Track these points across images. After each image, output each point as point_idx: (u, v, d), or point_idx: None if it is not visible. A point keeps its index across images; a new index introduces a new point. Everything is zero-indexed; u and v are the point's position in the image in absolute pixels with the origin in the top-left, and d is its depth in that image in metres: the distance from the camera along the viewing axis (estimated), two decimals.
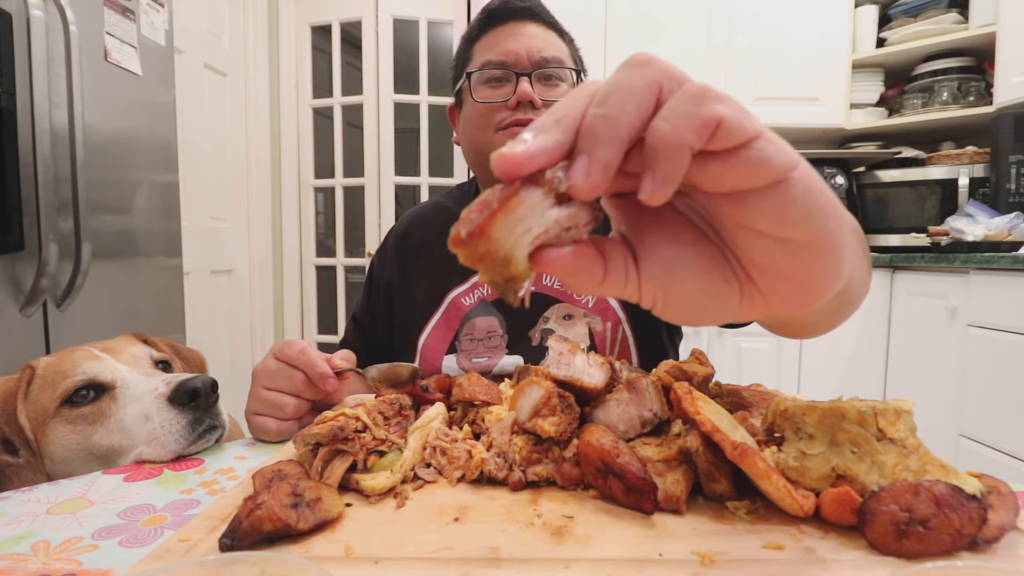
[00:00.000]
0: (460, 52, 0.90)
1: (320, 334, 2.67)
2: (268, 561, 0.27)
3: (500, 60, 0.81)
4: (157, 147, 1.56)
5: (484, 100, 0.82)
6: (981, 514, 0.32)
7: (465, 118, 0.87)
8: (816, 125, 2.37)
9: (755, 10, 2.30)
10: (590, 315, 0.83)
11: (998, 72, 2.00)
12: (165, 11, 1.56)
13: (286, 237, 2.61)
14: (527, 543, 0.35)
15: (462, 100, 0.89)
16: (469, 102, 0.85)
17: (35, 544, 0.37)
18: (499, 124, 0.80)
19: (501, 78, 0.82)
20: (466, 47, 0.88)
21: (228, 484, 0.47)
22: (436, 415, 0.48)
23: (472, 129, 0.84)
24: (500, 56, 0.81)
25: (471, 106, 0.84)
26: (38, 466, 0.54)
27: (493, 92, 0.82)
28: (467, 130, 0.86)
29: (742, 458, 0.37)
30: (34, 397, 0.56)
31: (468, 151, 0.89)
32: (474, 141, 0.84)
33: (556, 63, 0.82)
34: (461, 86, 0.87)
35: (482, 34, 0.85)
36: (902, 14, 2.26)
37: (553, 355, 0.47)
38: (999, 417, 1.61)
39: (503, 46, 0.82)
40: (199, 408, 0.55)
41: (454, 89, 0.92)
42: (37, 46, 1.13)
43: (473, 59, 0.86)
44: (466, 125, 0.86)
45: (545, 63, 0.81)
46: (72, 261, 1.22)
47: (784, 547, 0.34)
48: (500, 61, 0.81)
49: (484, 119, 0.82)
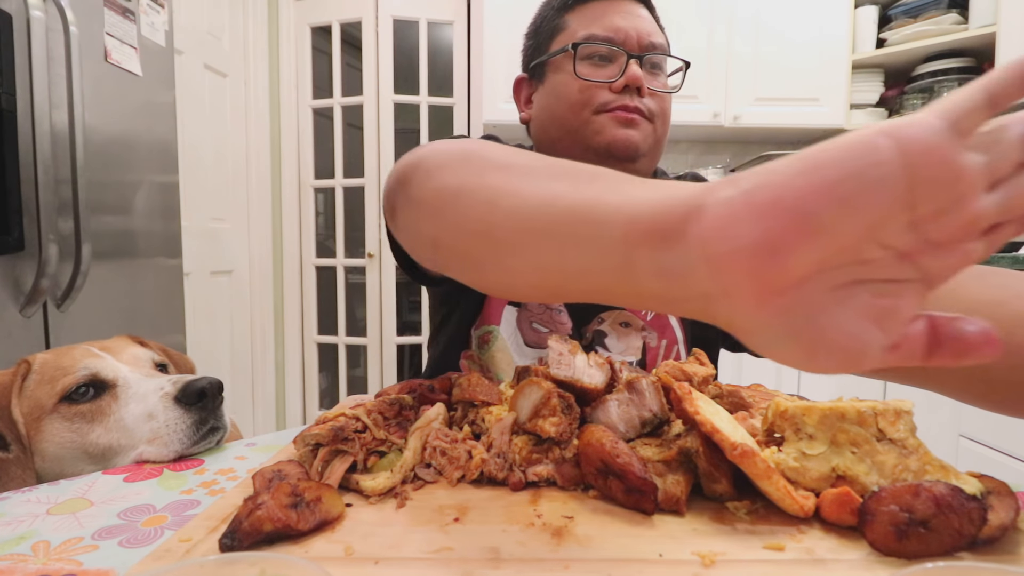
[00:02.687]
0: (546, 19, 0.80)
1: (320, 335, 2.67)
2: (268, 561, 0.27)
3: (608, 36, 0.73)
4: (157, 148, 1.56)
5: (587, 77, 0.72)
6: (981, 514, 0.32)
7: (553, 93, 0.77)
8: (816, 126, 2.37)
9: (755, 11, 2.30)
10: (648, 329, 0.78)
11: None
12: (165, 12, 1.56)
13: (286, 237, 2.61)
14: (527, 543, 0.35)
15: (543, 73, 0.79)
16: (560, 77, 0.76)
17: (35, 544, 0.37)
18: (602, 107, 0.72)
19: (606, 56, 0.74)
20: (556, 15, 0.79)
21: (228, 484, 0.47)
22: (436, 415, 0.48)
23: (562, 106, 0.75)
24: (608, 32, 0.73)
25: (565, 82, 0.75)
26: (28, 463, 0.54)
27: (596, 70, 0.73)
28: (553, 106, 0.77)
29: (742, 458, 0.37)
30: (30, 392, 0.56)
31: (551, 129, 0.78)
32: (564, 120, 0.75)
33: (662, 51, 0.76)
34: (548, 57, 0.78)
35: (580, 3, 0.77)
36: (902, 15, 2.26)
37: (553, 355, 0.47)
38: (999, 417, 1.61)
39: (610, 21, 0.73)
40: (204, 409, 0.55)
41: (530, 62, 0.82)
42: (37, 47, 1.13)
43: (568, 29, 0.76)
44: (552, 101, 0.77)
45: (653, 48, 0.74)
46: (72, 261, 1.22)
47: (784, 547, 0.34)
48: (608, 37, 0.73)
49: (583, 96, 0.73)
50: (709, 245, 0.24)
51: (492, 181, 0.36)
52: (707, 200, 0.25)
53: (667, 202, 0.27)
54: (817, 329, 0.23)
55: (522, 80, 0.85)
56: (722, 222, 0.23)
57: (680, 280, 0.26)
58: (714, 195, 0.24)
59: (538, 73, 0.80)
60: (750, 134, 2.50)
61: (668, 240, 0.26)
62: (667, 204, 0.26)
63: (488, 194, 0.36)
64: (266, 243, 2.56)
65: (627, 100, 0.72)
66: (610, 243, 0.28)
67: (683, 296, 0.26)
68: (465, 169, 0.39)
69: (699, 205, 0.25)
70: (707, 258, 0.24)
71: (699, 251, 0.24)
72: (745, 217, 0.23)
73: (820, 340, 0.23)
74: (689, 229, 0.25)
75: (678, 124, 2.34)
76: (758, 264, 0.22)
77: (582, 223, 0.30)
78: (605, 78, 0.72)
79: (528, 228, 0.33)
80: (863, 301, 0.23)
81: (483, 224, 0.36)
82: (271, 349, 2.61)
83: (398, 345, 2.60)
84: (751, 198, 0.23)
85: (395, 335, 2.58)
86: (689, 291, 0.26)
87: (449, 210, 0.38)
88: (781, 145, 2.60)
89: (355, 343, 2.64)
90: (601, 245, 0.29)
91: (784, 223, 0.22)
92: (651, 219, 0.27)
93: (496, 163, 0.38)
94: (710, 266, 0.24)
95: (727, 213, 0.23)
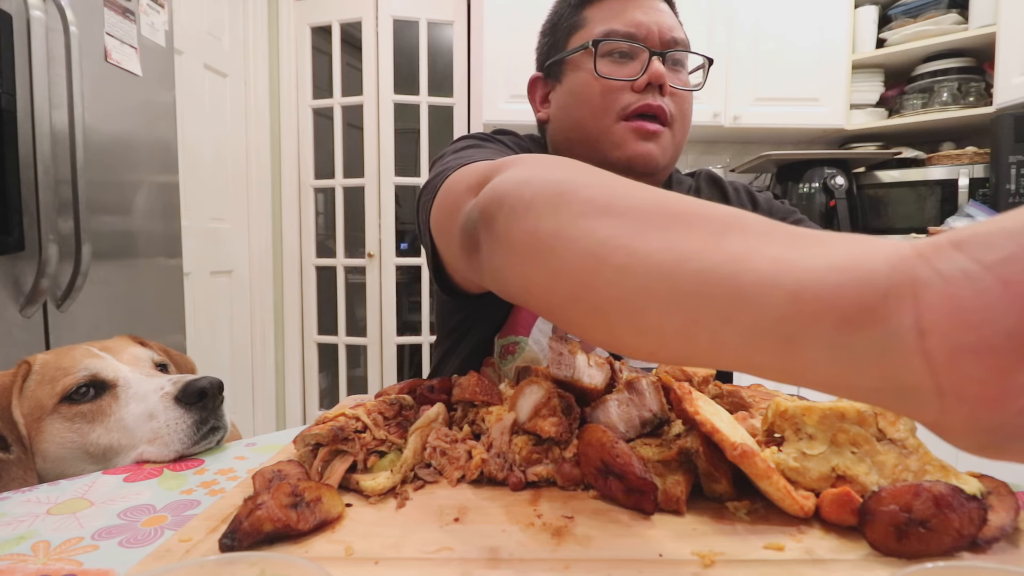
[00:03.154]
0: (563, 15, 0.77)
1: (320, 335, 2.67)
2: (268, 561, 0.27)
3: (629, 32, 0.70)
4: (157, 148, 1.56)
5: (609, 76, 0.70)
6: (981, 514, 0.32)
7: (572, 93, 0.74)
8: (816, 126, 2.37)
9: (755, 13, 2.30)
10: None
11: (998, 73, 2.00)
12: (165, 12, 1.56)
13: (286, 238, 2.61)
14: (527, 543, 0.35)
15: (561, 72, 0.76)
16: (580, 76, 0.73)
17: (35, 544, 0.37)
18: (624, 111, 0.70)
19: (627, 53, 0.71)
20: (574, 11, 0.75)
21: (228, 484, 0.47)
22: (436, 415, 0.48)
23: (582, 109, 0.72)
24: (629, 27, 0.70)
25: (586, 81, 0.72)
26: (29, 463, 0.54)
27: (617, 68, 0.71)
28: (572, 108, 0.74)
29: (742, 458, 0.37)
30: (30, 393, 0.56)
31: (570, 132, 0.75)
32: (584, 125, 0.72)
33: (684, 46, 0.73)
34: (567, 55, 0.74)
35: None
36: (902, 15, 2.26)
37: (553, 355, 0.47)
38: None
39: (631, 16, 0.71)
40: (205, 408, 0.55)
41: (546, 60, 0.79)
42: (37, 47, 1.13)
43: (587, 26, 0.73)
44: (571, 102, 0.74)
45: (675, 44, 0.72)
46: (72, 261, 1.22)
47: (784, 547, 0.34)
48: (629, 33, 0.70)
49: (605, 100, 0.70)
50: (934, 336, 0.19)
51: (596, 229, 0.30)
52: (923, 274, 0.19)
53: (850, 274, 0.21)
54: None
55: (537, 79, 0.82)
56: (960, 306, 0.18)
57: (872, 370, 0.21)
58: (935, 266, 0.19)
59: (555, 72, 0.77)
60: (750, 134, 2.50)
61: (856, 326, 0.21)
62: (850, 277, 0.21)
63: (591, 246, 0.30)
64: (266, 243, 2.56)
65: (649, 100, 0.69)
66: (762, 322, 0.23)
67: (871, 387, 0.22)
68: (559, 210, 0.33)
69: (911, 281, 0.19)
70: (927, 351, 0.19)
71: (914, 341, 0.19)
72: (999, 301, 0.18)
73: None
74: (895, 314, 0.20)
75: None
76: (1011, 361, 0.18)
77: (724, 297, 0.24)
78: (626, 76, 0.70)
79: (647, 295, 0.27)
80: None
81: (586, 285, 0.30)
82: (271, 349, 2.61)
83: (398, 345, 2.60)
84: (1005, 275, 0.18)
85: (395, 335, 2.58)
86: (884, 383, 0.21)
87: (543, 262, 0.33)
88: (781, 145, 2.60)
89: (355, 343, 2.64)
90: (749, 323, 0.23)
91: None
92: (827, 298, 0.21)
93: (596, 202, 0.32)
94: (931, 360, 0.19)
95: (969, 294, 0.18)
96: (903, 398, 0.21)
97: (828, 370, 0.22)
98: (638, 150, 0.70)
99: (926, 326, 0.19)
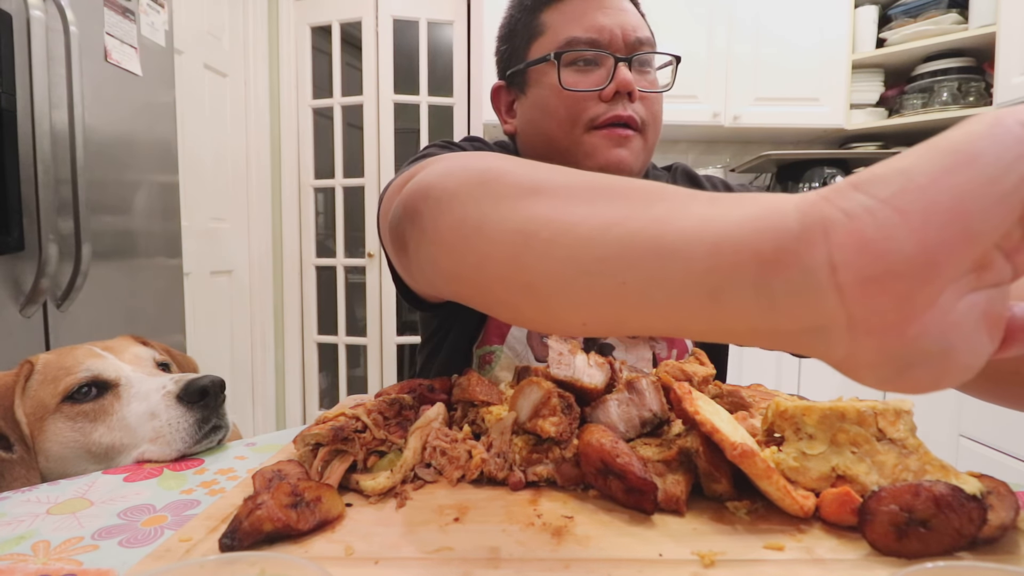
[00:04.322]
0: (520, 23, 0.73)
1: (320, 334, 2.67)
2: (268, 561, 0.27)
3: (591, 38, 0.67)
4: (157, 148, 1.56)
5: (574, 88, 0.67)
6: (981, 514, 0.32)
7: (537, 106, 0.71)
8: (816, 125, 2.37)
9: (755, 13, 2.30)
10: (657, 340, 0.74)
11: (998, 72, 2.00)
12: (165, 12, 1.56)
13: (286, 237, 2.61)
14: (527, 543, 0.35)
15: (524, 82, 0.73)
16: (543, 89, 0.70)
17: (35, 544, 0.37)
18: (592, 121, 0.67)
19: (592, 60, 0.68)
20: (529, 16, 0.72)
21: (228, 484, 0.47)
22: (436, 415, 0.48)
23: (549, 123, 0.69)
24: (591, 33, 0.67)
25: (551, 93, 0.69)
26: (32, 463, 0.54)
27: (582, 77, 0.67)
28: (539, 121, 0.71)
29: (742, 458, 0.37)
30: (33, 392, 0.56)
31: (539, 145, 0.72)
32: (552, 138, 0.70)
33: (650, 46, 0.70)
34: (528, 66, 0.71)
35: (554, 1, 0.70)
36: (902, 14, 2.26)
37: (553, 355, 0.47)
38: (999, 417, 1.61)
39: (591, 20, 0.67)
40: (207, 407, 0.55)
41: (507, 69, 0.75)
42: (37, 46, 1.13)
43: (546, 34, 0.70)
44: (537, 115, 0.71)
45: (641, 45, 0.68)
46: (72, 261, 1.22)
47: (784, 547, 0.34)
48: (591, 39, 0.67)
49: (571, 112, 0.67)
50: (845, 270, 0.20)
51: (522, 209, 0.31)
52: (829, 213, 0.21)
53: (764, 221, 0.22)
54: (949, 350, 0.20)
55: (500, 88, 0.78)
56: (865, 239, 0.20)
57: (791, 311, 0.22)
58: (838, 205, 0.21)
59: (518, 81, 0.74)
60: (750, 134, 2.50)
61: (774, 267, 0.22)
62: (766, 224, 0.22)
63: (518, 224, 0.30)
64: (266, 243, 2.56)
65: (619, 110, 0.67)
66: (688, 276, 0.24)
67: (791, 329, 0.23)
68: (484, 196, 0.33)
69: (819, 221, 0.21)
70: (839, 285, 0.20)
71: (826, 277, 0.20)
72: (897, 229, 0.19)
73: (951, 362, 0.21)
74: (808, 252, 0.21)
75: (678, 124, 2.35)
76: (912, 285, 0.19)
77: (650, 255, 0.25)
78: (592, 85, 0.67)
79: (575, 264, 0.27)
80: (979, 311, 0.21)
81: (515, 262, 0.30)
82: (271, 349, 2.61)
83: (398, 345, 2.60)
84: (899, 205, 0.19)
85: (395, 335, 2.58)
86: (799, 323, 0.22)
87: (471, 247, 0.33)
88: (781, 145, 2.60)
89: (355, 343, 2.64)
90: (677, 279, 0.24)
91: (945, 233, 0.19)
92: (746, 244, 0.22)
93: (521, 184, 0.32)
94: (843, 293, 0.20)
95: (871, 227, 0.20)
96: (817, 336, 0.22)
97: (751, 317, 0.23)
98: (610, 158, 0.68)
99: (837, 261, 0.20)
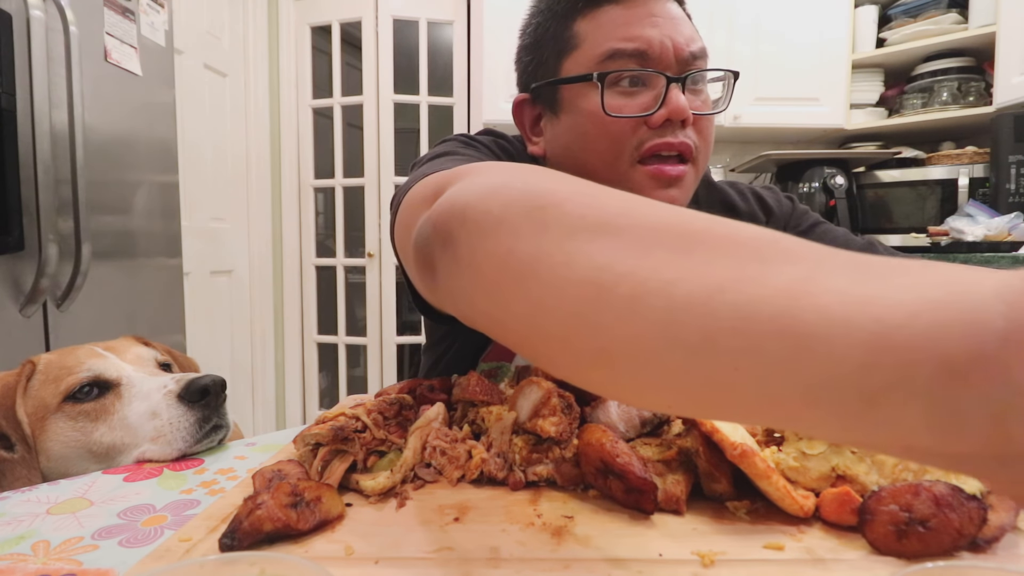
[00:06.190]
0: (549, 32, 0.63)
1: (320, 334, 2.67)
2: (268, 561, 0.27)
3: (638, 50, 0.57)
4: (157, 147, 1.56)
5: (619, 113, 0.58)
6: (981, 514, 0.32)
7: (573, 132, 0.62)
8: (816, 125, 2.37)
9: (755, 14, 2.30)
10: None
11: (998, 72, 2.00)
12: (165, 11, 1.56)
13: (286, 237, 2.61)
14: (527, 543, 0.35)
15: (555, 101, 0.63)
16: (580, 113, 0.60)
17: (35, 544, 0.37)
18: (638, 149, 0.59)
19: (637, 79, 0.59)
20: (560, 26, 0.62)
21: (228, 484, 0.47)
22: (436, 415, 0.48)
23: (589, 154, 0.61)
24: (638, 45, 0.57)
25: (590, 122, 0.59)
26: (33, 462, 0.54)
27: (627, 100, 0.58)
28: (576, 151, 0.62)
29: (742, 458, 0.37)
30: (34, 392, 0.56)
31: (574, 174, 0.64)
32: (593, 170, 0.59)
33: (704, 60, 0.60)
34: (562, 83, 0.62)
35: (593, 7, 0.60)
36: (902, 14, 2.26)
37: None
38: None
39: (638, 31, 0.58)
40: (208, 407, 0.55)
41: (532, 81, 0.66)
42: (37, 46, 1.13)
43: (580, 47, 0.60)
44: (573, 143, 0.62)
45: (695, 61, 0.59)
46: (72, 261, 1.22)
47: (784, 547, 0.34)
48: (638, 51, 0.57)
49: (615, 143, 0.59)
50: None
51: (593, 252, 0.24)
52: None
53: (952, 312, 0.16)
54: None
55: (524, 102, 0.68)
56: None
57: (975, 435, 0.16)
58: None
59: (548, 98, 0.65)
60: (750, 134, 2.50)
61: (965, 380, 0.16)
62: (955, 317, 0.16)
63: (588, 272, 0.24)
64: (266, 243, 2.56)
65: (669, 137, 0.58)
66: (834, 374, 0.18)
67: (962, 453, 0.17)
68: (540, 228, 0.26)
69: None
70: None
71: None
72: None
73: None
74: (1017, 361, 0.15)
75: None
76: None
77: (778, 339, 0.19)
78: (639, 110, 0.58)
79: (669, 337, 0.21)
80: None
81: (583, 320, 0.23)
82: (271, 349, 2.61)
83: (398, 345, 2.60)
84: None
85: (395, 335, 2.58)
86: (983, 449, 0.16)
87: (522, 291, 0.26)
88: (781, 145, 2.60)
89: (355, 343, 2.64)
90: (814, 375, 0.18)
91: None
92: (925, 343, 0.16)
93: (586, 217, 0.25)
94: None
95: None
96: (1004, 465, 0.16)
97: (913, 433, 0.17)
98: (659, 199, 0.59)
99: None
